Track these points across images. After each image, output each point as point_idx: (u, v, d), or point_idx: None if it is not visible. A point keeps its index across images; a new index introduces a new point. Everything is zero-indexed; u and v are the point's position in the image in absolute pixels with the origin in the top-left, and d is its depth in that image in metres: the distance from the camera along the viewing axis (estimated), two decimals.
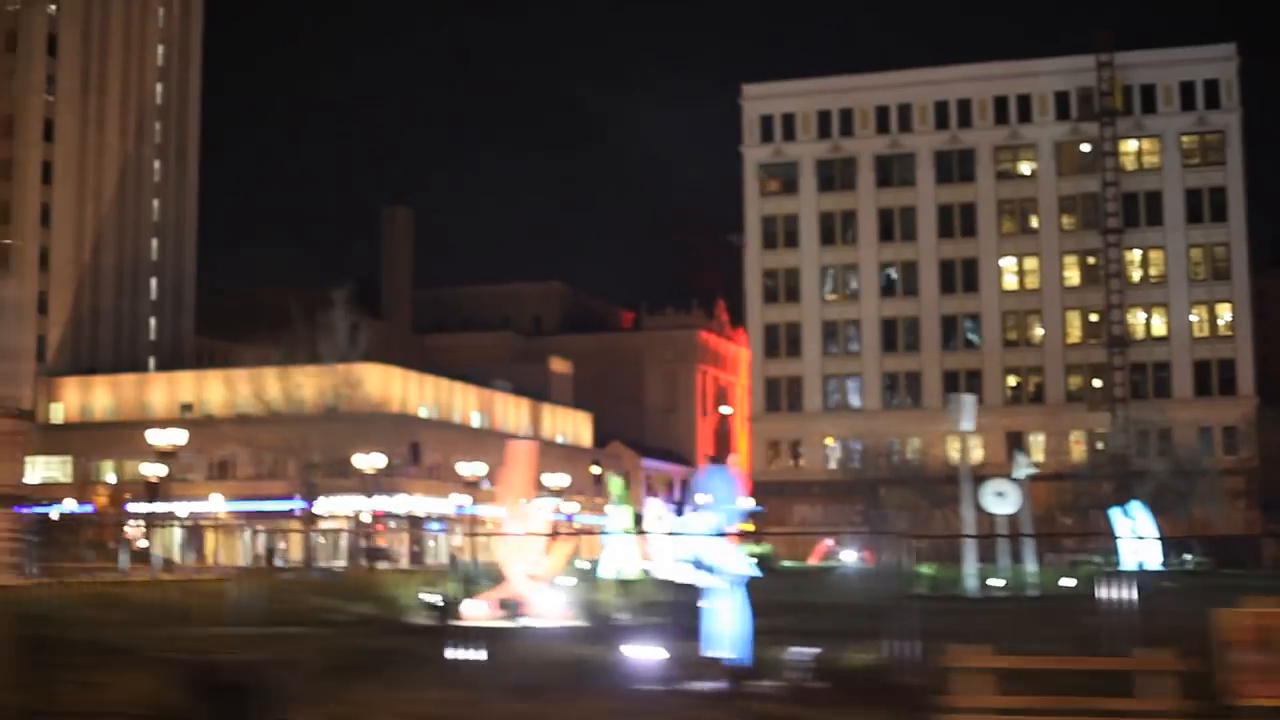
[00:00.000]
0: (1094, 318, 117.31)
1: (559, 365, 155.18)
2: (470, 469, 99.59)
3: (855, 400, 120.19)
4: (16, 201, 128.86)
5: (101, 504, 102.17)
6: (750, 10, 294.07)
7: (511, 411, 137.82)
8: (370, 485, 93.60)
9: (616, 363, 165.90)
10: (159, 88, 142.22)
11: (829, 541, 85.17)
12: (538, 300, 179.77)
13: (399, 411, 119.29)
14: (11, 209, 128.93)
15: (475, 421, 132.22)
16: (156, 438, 76.00)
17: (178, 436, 76.65)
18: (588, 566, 56.62)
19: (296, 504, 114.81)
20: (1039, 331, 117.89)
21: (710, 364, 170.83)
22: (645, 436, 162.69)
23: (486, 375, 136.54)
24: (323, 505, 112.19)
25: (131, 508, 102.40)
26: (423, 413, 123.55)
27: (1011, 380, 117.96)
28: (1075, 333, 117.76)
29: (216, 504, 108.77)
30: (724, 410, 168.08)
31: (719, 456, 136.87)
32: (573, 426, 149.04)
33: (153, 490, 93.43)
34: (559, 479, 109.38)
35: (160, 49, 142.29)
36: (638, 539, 56.27)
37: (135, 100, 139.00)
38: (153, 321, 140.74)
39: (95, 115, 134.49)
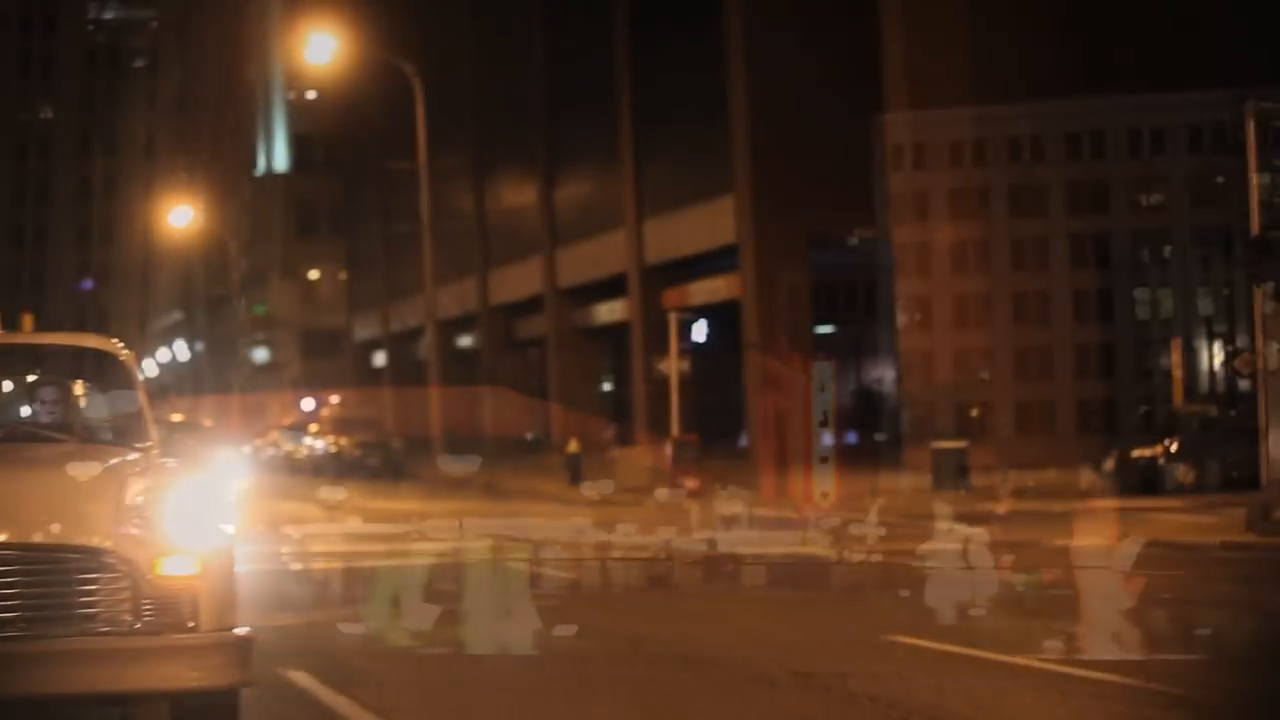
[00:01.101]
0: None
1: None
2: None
3: (987, 427, 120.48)
4: (120, 220, 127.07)
5: None
6: None
7: None
8: None
9: None
10: (249, 106, 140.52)
11: None
12: None
13: None
14: (114, 227, 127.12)
15: None
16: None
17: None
18: None
19: None
20: None
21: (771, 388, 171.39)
22: None
23: None
24: None
25: None
26: None
27: (1143, 409, 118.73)
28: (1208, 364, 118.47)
29: None
30: None
31: None
32: None
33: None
34: None
35: (251, 66, 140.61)
36: None
37: (228, 117, 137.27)
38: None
39: (192, 133, 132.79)
